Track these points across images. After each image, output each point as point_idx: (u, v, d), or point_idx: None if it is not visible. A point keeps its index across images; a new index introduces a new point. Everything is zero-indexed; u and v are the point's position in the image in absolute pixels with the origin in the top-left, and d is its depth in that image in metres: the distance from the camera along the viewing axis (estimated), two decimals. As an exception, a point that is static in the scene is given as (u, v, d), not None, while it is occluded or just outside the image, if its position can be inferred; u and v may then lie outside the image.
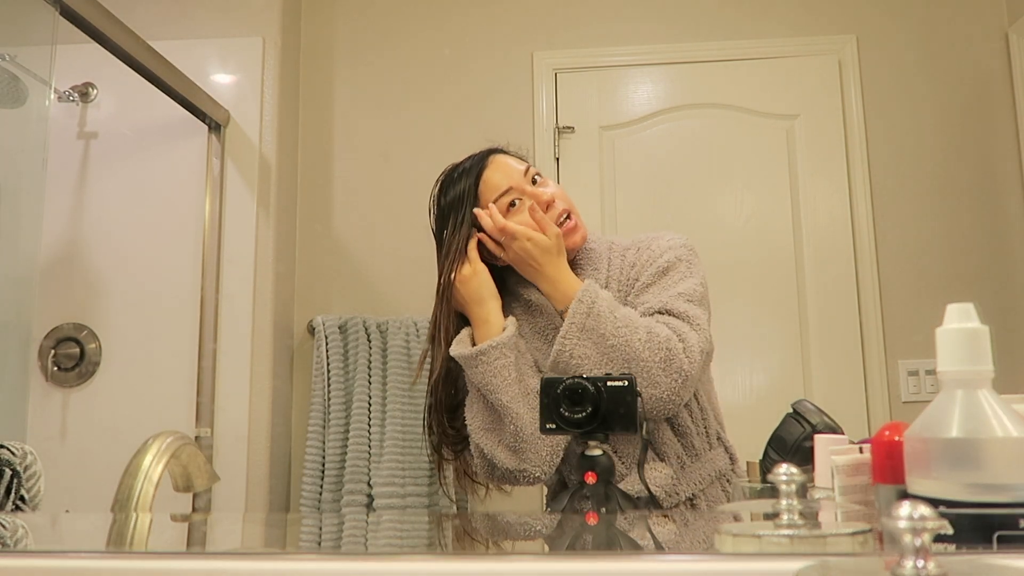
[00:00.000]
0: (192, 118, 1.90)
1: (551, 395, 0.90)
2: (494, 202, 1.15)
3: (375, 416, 1.96)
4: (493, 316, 1.11)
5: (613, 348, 1.02)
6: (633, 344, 1.02)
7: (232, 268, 1.94)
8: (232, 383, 1.89)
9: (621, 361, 1.02)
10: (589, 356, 1.03)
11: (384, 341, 2.02)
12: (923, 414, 0.53)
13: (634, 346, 1.02)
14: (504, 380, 1.06)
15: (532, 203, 1.13)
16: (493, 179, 1.16)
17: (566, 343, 1.03)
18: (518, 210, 1.15)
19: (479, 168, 1.17)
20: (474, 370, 1.07)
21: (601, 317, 1.03)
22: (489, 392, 1.06)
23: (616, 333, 1.03)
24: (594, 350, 1.03)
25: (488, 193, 1.16)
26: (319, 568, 0.50)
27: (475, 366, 1.07)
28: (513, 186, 1.15)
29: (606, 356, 1.02)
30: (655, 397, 1.02)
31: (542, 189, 1.16)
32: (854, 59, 2.10)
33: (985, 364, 0.51)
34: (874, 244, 2.02)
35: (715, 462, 1.14)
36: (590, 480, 0.89)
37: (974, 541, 0.47)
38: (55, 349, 1.91)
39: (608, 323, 1.03)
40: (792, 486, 0.53)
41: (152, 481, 0.86)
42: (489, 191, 1.16)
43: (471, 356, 1.07)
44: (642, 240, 1.20)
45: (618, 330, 1.03)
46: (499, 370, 1.06)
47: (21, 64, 1.67)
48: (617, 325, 1.03)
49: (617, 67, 2.18)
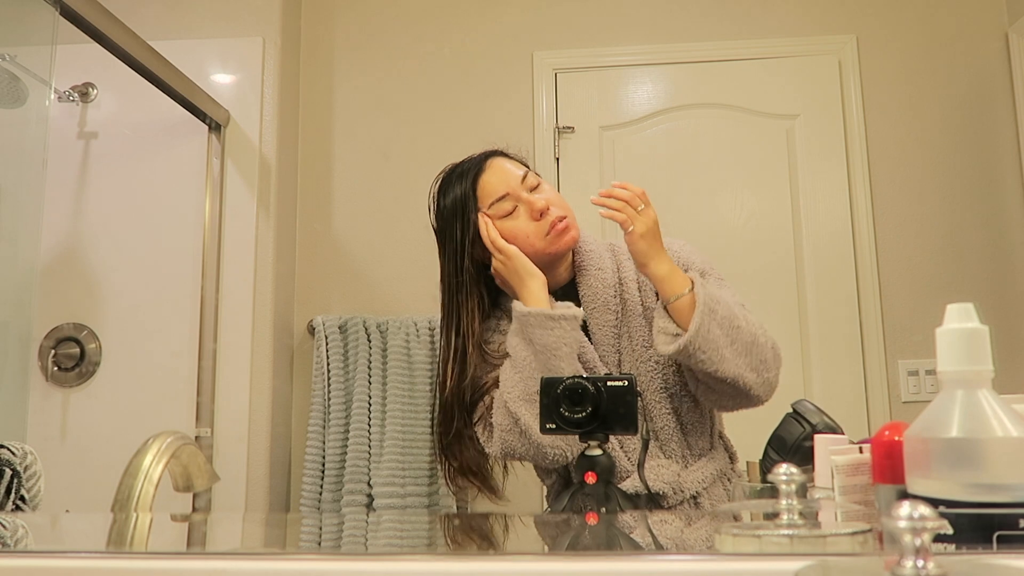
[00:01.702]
0: (192, 118, 1.90)
1: (551, 395, 0.90)
2: (490, 207, 1.15)
3: (375, 416, 1.96)
4: (538, 294, 1.10)
5: (738, 330, 1.04)
6: (752, 328, 1.06)
7: (232, 268, 1.94)
8: (232, 383, 1.89)
9: (745, 343, 1.04)
10: (719, 336, 1.03)
11: (384, 341, 2.02)
12: (923, 414, 0.53)
13: (753, 331, 1.05)
14: (571, 351, 1.06)
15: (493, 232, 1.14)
16: (490, 183, 1.16)
17: (703, 322, 1.02)
18: (514, 216, 1.14)
19: (477, 171, 1.17)
20: (548, 332, 1.05)
21: (722, 302, 1.05)
22: (553, 358, 1.04)
23: (736, 315, 1.05)
24: (721, 331, 1.03)
25: (485, 197, 1.15)
26: (319, 568, 0.50)
27: (551, 328, 1.05)
28: (510, 192, 1.15)
29: (730, 337, 1.04)
30: (770, 383, 1.06)
31: (537, 196, 1.15)
32: (854, 59, 2.10)
33: (985, 364, 0.51)
34: (874, 244, 2.02)
35: (717, 461, 1.14)
36: (590, 480, 0.89)
37: (974, 541, 0.47)
38: (55, 349, 1.91)
39: (729, 306, 1.06)
40: (792, 486, 0.53)
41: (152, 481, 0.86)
42: (485, 195, 1.15)
43: (550, 316, 1.05)
44: None
45: (737, 313, 1.06)
46: (570, 340, 1.06)
47: (21, 64, 1.67)
48: (735, 309, 1.06)
49: (617, 67, 2.18)
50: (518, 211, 1.14)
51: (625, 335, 1.14)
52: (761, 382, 1.05)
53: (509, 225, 1.14)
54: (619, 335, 1.14)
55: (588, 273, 1.17)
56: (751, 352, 1.04)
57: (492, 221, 1.14)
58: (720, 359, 1.02)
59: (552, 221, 1.13)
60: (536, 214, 1.13)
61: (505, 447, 1.07)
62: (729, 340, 1.03)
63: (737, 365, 1.03)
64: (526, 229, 1.13)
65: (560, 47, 2.18)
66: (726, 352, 1.02)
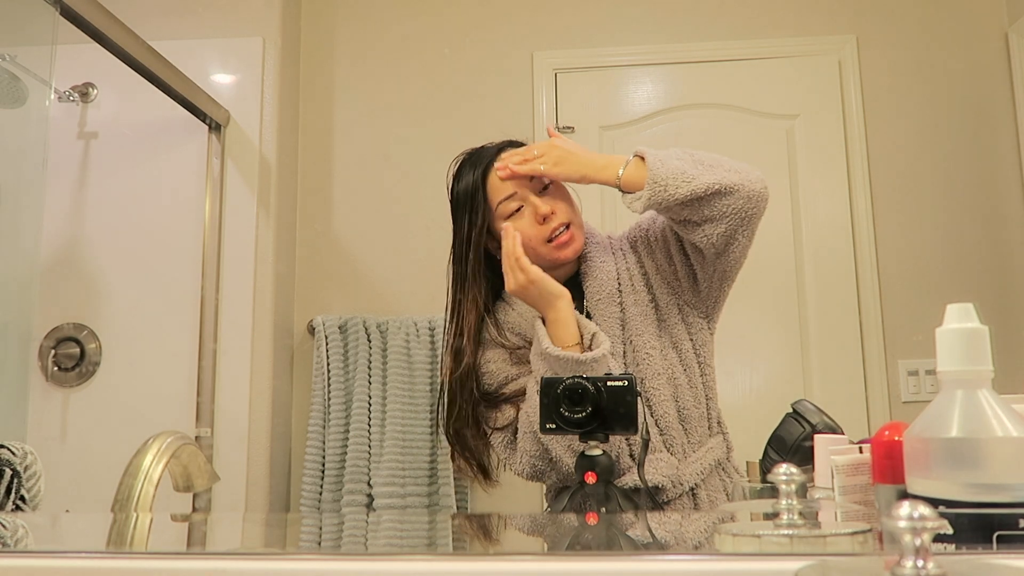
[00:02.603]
0: (192, 118, 1.90)
1: (551, 395, 0.90)
2: (497, 204, 1.15)
3: (375, 416, 1.96)
4: (564, 314, 1.08)
5: (699, 154, 1.07)
6: (707, 153, 1.08)
7: (232, 268, 1.94)
8: (232, 383, 1.89)
9: (711, 160, 1.06)
10: (683, 163, 1.06)
11: (384, 341, 2.02)
12: (923, 414, 0.53)
13: (708, 154, 1.08)
14: None
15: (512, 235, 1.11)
16: (499, 181, 1.15)
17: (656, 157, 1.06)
18: (519, 216, 1.14)
19: (488, 164, 1.17)
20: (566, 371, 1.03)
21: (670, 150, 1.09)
22: None
23: (687, 149, 1.09)
24: (683, 161, 1.06)
25: (493, 193, 1.15)
26: (319, 568, 0.50)
27: (585, 371, 1.02)
28: (517, 191, 1.14)
29: (697, 161, 1.06)
30: (759, 178, 1.06)
31: (544, 199, 1.14)
32: (854, 59, 2.10)
33: (985, 364, 0.51)
34: (874, 244, 2.02)
35: (714, 451, 1.14)
36: (590, 480, 0.89)
37: (974, 541, 0.48)
38: (55, 349, 1.91)
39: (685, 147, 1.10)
40: (792, 486, 0.53)
41: (152, 481, 0.86)
42: (494, 191, 1.15)
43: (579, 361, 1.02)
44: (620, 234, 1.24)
45: (689, 150, 1.09)
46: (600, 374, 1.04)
47: (21, 64, 1.67)
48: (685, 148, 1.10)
49: (617, 67, 2.18)
50: (523, 212, 1.14)
51: (629, 326, 1.14)
52: (750, 178, 1.05)
53: (515, 225, 1.14)
54: (623, 327, 1.14)
55: (593, 266, 1.17)
56: (721, 163, 1.07)
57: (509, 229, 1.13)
58: (691, 177, 1.04)
59: (554, 228, 1.13)
60: (539, 219, 1.13)
61: (535, 472, 1.09)
62: (694, 163, 1.06)
63: (713, 175, 1.04)
64: (528, 232, 1.13)
65: (560, 47, 2.18)
66: (693, 172, 1.05)
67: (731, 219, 1.05)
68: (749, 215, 1.06)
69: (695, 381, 1.14)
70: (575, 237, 1.15)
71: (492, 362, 1.15)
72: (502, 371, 1.15)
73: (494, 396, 1.14)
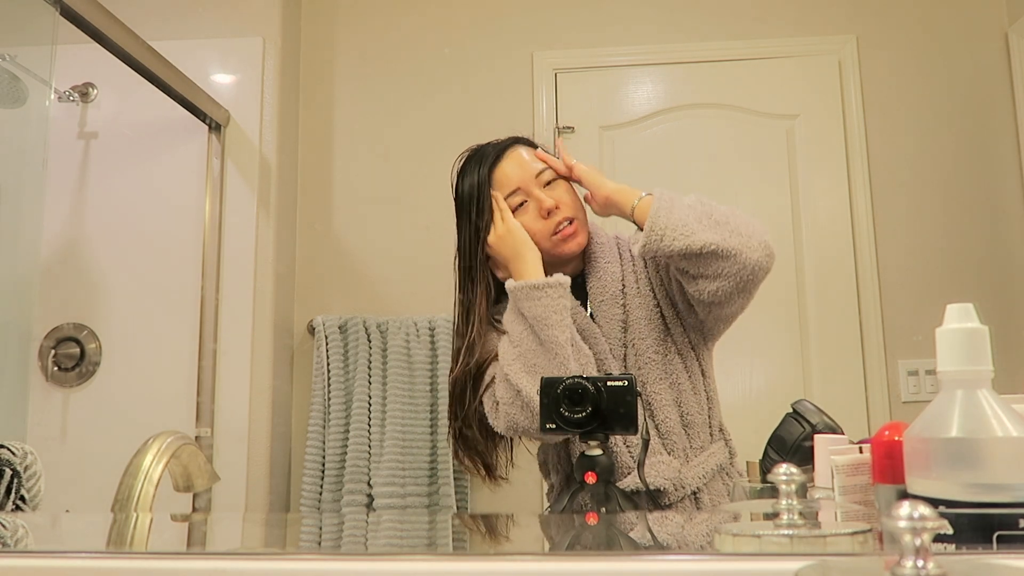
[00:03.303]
0: (192, 118, 1.90)
1: (551, 395, 0.90)
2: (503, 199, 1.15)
3: (375, 416, 1.96)
4: (532, 267, 1.11)
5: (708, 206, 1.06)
6: (724, 207, 1.06)
7: (232, 268, 1.94)
8: (232, 383, 1.89)
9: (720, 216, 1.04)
10: (687, 215, 1.04)
11: (384, 341, 2.02)
12: (923, 414, 0.53)
13: (726, 207, 1.06)
14: (561, 318, 1.06)
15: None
16: (504, 175, 1.16)
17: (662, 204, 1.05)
18: (523, 211, 1.15)
19: (495, 159, 1.18)
20: (536, 302, 1.06)
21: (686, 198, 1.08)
22: (545, 327, 1.05)
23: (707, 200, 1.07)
24: (690, 212, 1.05)
25: (498, 188, 1.16)
26: (319, 568, 0.50)
27: (537, 298, 1.06)
28: (521, 186, 1.15)
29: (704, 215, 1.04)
30: (763, 243, 1.04)
31: (549, 194, 1.15)
32: (854, 59, 2.10)
33: (985, 364, 0.51)
34: (874, 244, 2.02)
35: (716, 455, 1.14)
36: (590, 480, 0.89)
37: (974, 541, 0.47)
38: (55, 349, 1.91)
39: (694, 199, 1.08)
40: (792, 486, 0.53)
41: (152, 481, 0.86)
42: (499, 186, 1.16)
43: (535, 286, 1.06)
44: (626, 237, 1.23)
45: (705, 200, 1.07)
46: (559, 308, 1.06)
47: (21, 64, 1.67)
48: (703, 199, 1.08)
49: (617, 67, 2.18)
50: (527, 206, 1.15)
51: (632, 329, 1.14)
52: (751, 245, 1.03)
53: (519, 220, 1.15)
54: (626, 328, 1.14)
55: (598, 266, 1.17)
56: (729, 222, 1.05)
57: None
58: (691, 232, 1.02)
59: (558, 222, 1.14)
60: (544, 212, 1.13)
61: (509, 420, 1.06)
62: (699, 216, 1.05)
63: (715, 233, 1.03)
64: (533, 227, 1.14)
65: (560, 47, 2.18)
66: (696, 226, 1.03)
67: (726, 281, 1.04)
68: (745, 281, 1.05)
69: (698, 388, 1.14)
70: (579, 232, 1.15)
71: (491, 342, 1.15)
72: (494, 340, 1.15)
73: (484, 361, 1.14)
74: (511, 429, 1.07)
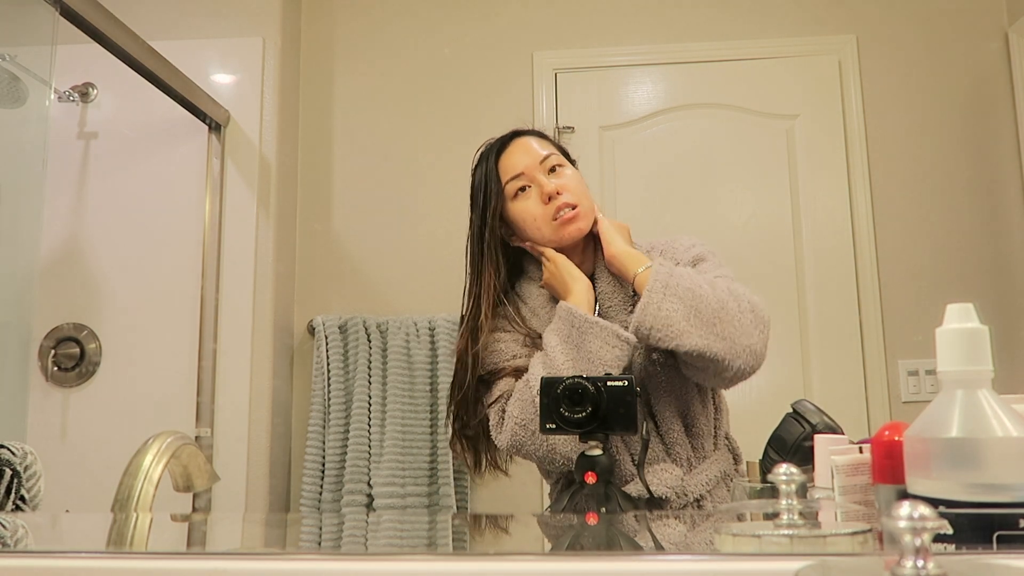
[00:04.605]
0: (192, 118, 1.90)
1: (551, 395, 0.90)
2: (506, 184, 1.17)
3: (375, 416, 1.96)
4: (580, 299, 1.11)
5: (701, 299, 1.02)
6: (720, 296, 1.03)
7: (232, 268, 1.94)
8: (232, 383, 1.89)
9: (710, 312, 1.01)
10: (677, 311, 1.01)
11: (384, 341, 2.02)
12: (923, 414, 0.53)
13: (721, 298, 1.03)
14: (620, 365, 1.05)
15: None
16: (508, 162, 1.18)
17: (653, 296, 1.02)
18: (526, 196, 1.16)
19: (499, 148, 1.20)
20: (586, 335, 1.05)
21: (684, 275, 1.04)
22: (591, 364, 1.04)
23: (701, 286, 1.03)
24: (680, 305, 1.02)
25: (503, 173, 1.18)
26: (319, 568, 0.50)
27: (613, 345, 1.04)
28: (524, 172, 1.16)
29: (694, 310, 1.01)
30: (749, 349, 1.02)
31: (551, 179, 1.16)
32: (854, 59, 2.10)
33: (985, 364, 0.51)
34: (874, 244, 2.02)
35: (720, 463, 1.14)
36: (590, 480, 0.89)
37: (974, 541, 0.47)
38: (55, 349, 1.91)
39: (692, 278, 1.04)
40: (792, 486, 0.53)
41: (152, 481, 0.86)
42: (504, 173, 1.18)
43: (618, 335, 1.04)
44: (662, 243, 1.21)
45: (702, 284, 1.04)
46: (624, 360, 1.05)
47: (21, 64, 1.67)
48: (700, 281, 1.05)
49: (617, 67, 2.18)
50: (530, 192, 1.16)
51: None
52: (736, 351, 1.01)
53: (520, 206, 1.16)
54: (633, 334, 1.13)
55: (607, 270, 1.17)
56: (720, 320, 1.02)
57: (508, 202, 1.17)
58: (677, 333, 1.00)
59: (559, 206, 1.13)
60: (545, 197, 1.14)
61: (515, 441, 1.05)
62: (689, 312, 1.01)
63: (701, 337, 1.00)
64: (534, 211, 1.14)
65: (560, 47, 2.18)
66: (684, 325, 1.01)
67: (708, 375, 1.06)
68: (727, 381, 1.06)
69: (706, 397, 1.14)
70: (580, 217, 1.15)
71: (500, 342, 1.15)
72: (509, 350, 1.15)
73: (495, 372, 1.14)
74: (514, 448, 1.08)
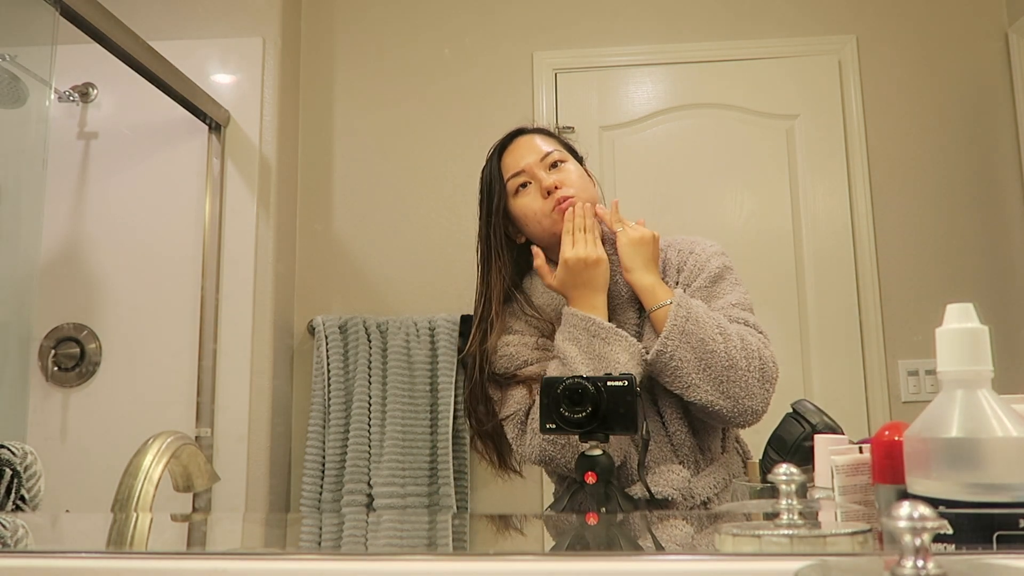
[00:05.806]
0: (192, 118, 1.90)
1: (551, 395, 0.90)
2: (508, 181, 1.18)
3: (375, 416, 1.96)
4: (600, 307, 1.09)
5: (712, 354, 1.02)
6: (731, 352, 1.02)
7: (232, 268, 1.94)
8: (232, 383, 1.89)
9: (719, 368, 1.02)
10: (688, 360, 1.02)
11: (384, 341, 2.02)
12: (923, 414, 0.53)
13: (732, 354, 1.02)
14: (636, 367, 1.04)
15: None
16: (510, 159, 1.19)
17: (668, 344, 1.02)
18: (526, 192, 1.16)
19: (502, 146, 1.22)
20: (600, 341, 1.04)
21: (700, 322, 1.03)
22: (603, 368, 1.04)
23: (715, 338, 1.02)
24: (692, 355, 1.02)
25: (505, 170, 1.19)
26: (319, 568, 0.50)
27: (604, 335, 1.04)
28: (525, 169, 1.17)
29: (703, 362, 1.02)
30: (750, 409, 1.02)
31: (553, 174, 1.16)
32: (854, 59, 2.10)
33: (985, 364, 0.51)
34: (874, 244, 2.02)
35: (729, 466, 1.13)
36: (590, 480, 0.89)
37: (974, 541, 0.47)
38: (55, 349, 1.91)
39: (707, 328, 1.03)
40: (792, 486, 0.53)
41: (152, 481, 0.86)
42: (506, 169, 1.19)
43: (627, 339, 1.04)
44: (679, 243, 1.20)
45: (716, 336, 1.03)
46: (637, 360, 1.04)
47: (21, 64, 1.67)
48: (715, 331, 1.03)
49: (617, 67, 2.18)
50: (531, 188, 1.16)
51: (647, 336, 1.12)
52: (738, 410, 1.02)
53: (521, 202, 1.16)
54: (641, 335, 1.12)
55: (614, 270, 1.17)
56: (727, 379, 1.02)
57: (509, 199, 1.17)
58: (687, 385, 1.02)
59: (558, 199, 1.13)
60: (544, 191, 1.14)
61: (544, 455, 1.05)
62: (700, 365, 1.02)
63: (707, 392, 1.02)
64: (534, 206, 1.15)
65: (560, 47, 2.18)
66: (693, 378, 1.02)
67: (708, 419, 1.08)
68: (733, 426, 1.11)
69: None
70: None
71: (511, 345, 1.15)
72: (521, 355, 1.14)
73: (508, 378, 1.13)
74: (544, 462, 1.07)
